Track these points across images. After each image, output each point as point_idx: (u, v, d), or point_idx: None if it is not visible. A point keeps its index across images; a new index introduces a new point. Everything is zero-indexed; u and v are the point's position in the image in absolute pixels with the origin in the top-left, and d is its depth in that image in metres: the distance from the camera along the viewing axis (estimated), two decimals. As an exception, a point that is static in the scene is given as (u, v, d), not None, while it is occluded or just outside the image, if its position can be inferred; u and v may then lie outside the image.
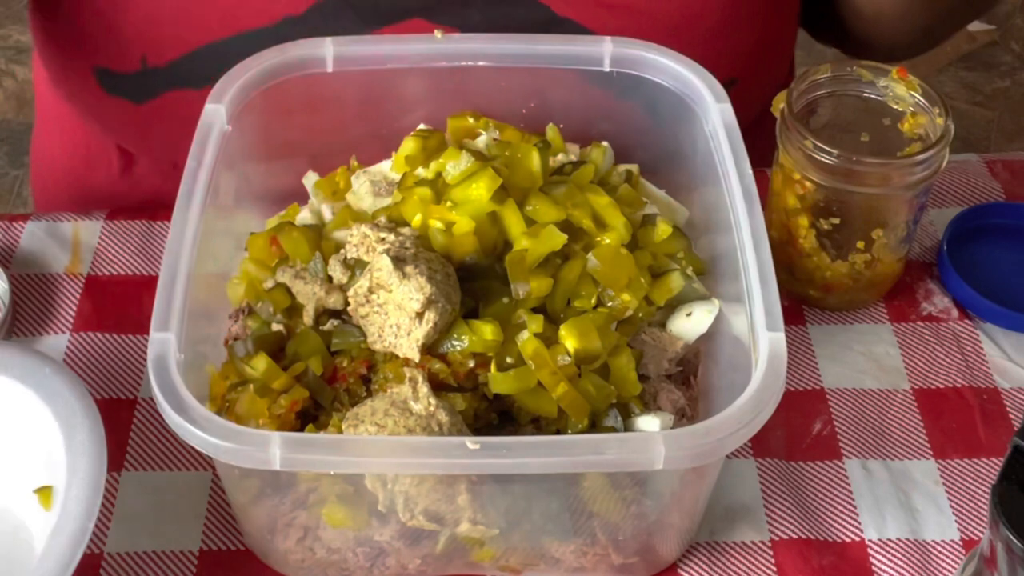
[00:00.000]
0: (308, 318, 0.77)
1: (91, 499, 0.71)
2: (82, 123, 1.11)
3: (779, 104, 0.88)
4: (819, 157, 0.85)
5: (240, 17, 0.92)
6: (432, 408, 0.71)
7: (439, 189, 0.80)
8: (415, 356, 0.74)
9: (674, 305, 0.82)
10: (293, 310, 0.78)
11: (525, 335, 0.74)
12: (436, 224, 0.79)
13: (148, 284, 0.93)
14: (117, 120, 1.02)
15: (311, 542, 0.75)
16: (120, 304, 0.92)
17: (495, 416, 0.75)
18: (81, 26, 0.98)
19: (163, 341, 0.69)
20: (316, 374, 0.74)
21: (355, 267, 0.78)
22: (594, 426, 0.74)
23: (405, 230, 0.78)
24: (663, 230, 0.82)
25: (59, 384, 0.77)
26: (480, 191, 0.78)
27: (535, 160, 0.81)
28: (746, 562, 0.79)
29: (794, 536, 0.80)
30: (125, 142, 1.08)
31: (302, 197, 0.88)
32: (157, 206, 0.98)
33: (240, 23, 0.93)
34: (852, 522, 0.81)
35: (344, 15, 0.92)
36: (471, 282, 0.77)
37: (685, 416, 0.78)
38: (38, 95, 1.20)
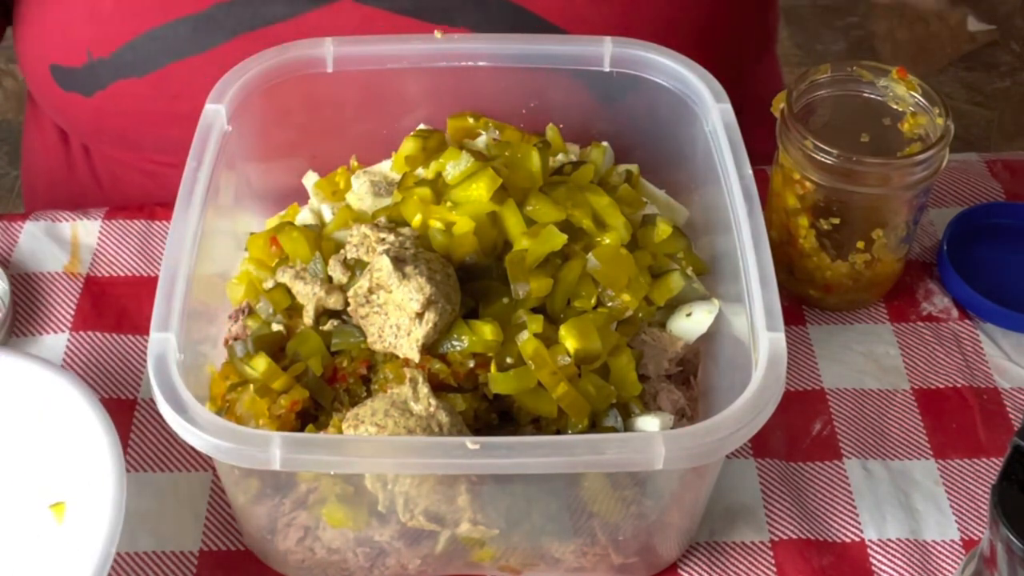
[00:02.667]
0: (308, 318, 0.77)
1: (112, 523, 0.71)
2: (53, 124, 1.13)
3: (779, 104, 0.88)
4: (819, 157, 0.85)
5: (174, 5, 0.95)
6: (432, 409, 0.71)
7: (439, 189, 0.80)
8: (415, 356, 0.74)
9: (674, 305, 0.82)
10: (293, 310, 0.78)
11: (525, 335, 0.74)
12: (436, 224, 0.79)
13: (148, 284, 0.93)
14: (73, 115, 1.04)
15: (311, 542, 0.75)
16: (120, 304, 0.92)
17: (495, 416, 0.75)
18: (35, 26, 1.00)
19: (163, 341, 0.69)
20: (316, 374, 0.74)
21: (355, 267, 0.78)
22: (594, 426, 0.74)
23: (405, 230, 0.78)
24: (663, 230, 0.82)
25: (77, 400, 0.77)
26: (480, 191, 0.78)
27: (535, 160, 0.81)
28: (746, 562, 0.79)
29: (794, 536, 0.80)
30: (83, 136, 1.10)
31: (302, 197, 0.88)
32: (131, 201, 1.00)
33: (175, 10, 0.95)
34: (852, 522, 0.81)
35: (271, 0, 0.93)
36: (471, 282, 0.77)
37: (685, 416, 0.78)
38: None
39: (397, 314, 0.74)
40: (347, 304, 0.77)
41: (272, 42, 0.88)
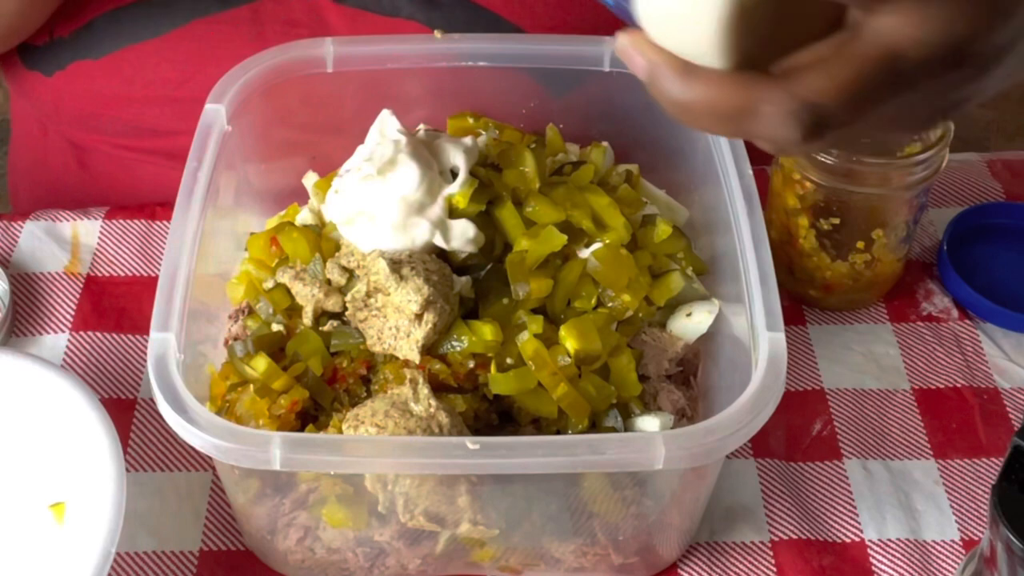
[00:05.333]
0: (307, 319, 0.77)
1: (112, 523, 0.72)
2: (32, 111, 1.12)
3: (779, 104, 0.87)
4: (819, 157, 0.85)
5: None
6: (432, 409, 0.71)
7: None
8: (415, 358, 0.74)
9: (674, 305, 0.82)
10: (293, 310, 0.78)
11: (525, 336, 0.74)
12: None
13: (148, 284, 0.93)
14: (35, 95, 1.04)
15: (311, 542, 0.75)
16: (120, 304, 0.92)
17: (495, 417, 0.75)
18: None
19: (163, 341, 0.69)
20: (316, 374, 0.74)
21: (353, 269, 0.78)
22: (594, 426, 0.74)
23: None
24: (663, 230, 0.82)
25: (77, 400, 0.77)
26: (475, 206, 0.78)
27: (529, 162, 0.81)
28: (746, 562, 0.79)
29: (794, 536, 0.80)
30: (45, 117, 1.09)
31: (302, 197, 0.88)
32: (113, 194, 1.01)
33: None
34: (852, 522, 0.81)
35: None
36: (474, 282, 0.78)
37: (685, 416, 0.78)
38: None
39: (396, 316, 0.74)
40: (346, 308, 0.76)
41: (226, 28, 0.88)
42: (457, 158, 0.79)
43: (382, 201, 0.77)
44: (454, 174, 0.79)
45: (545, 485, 0.71)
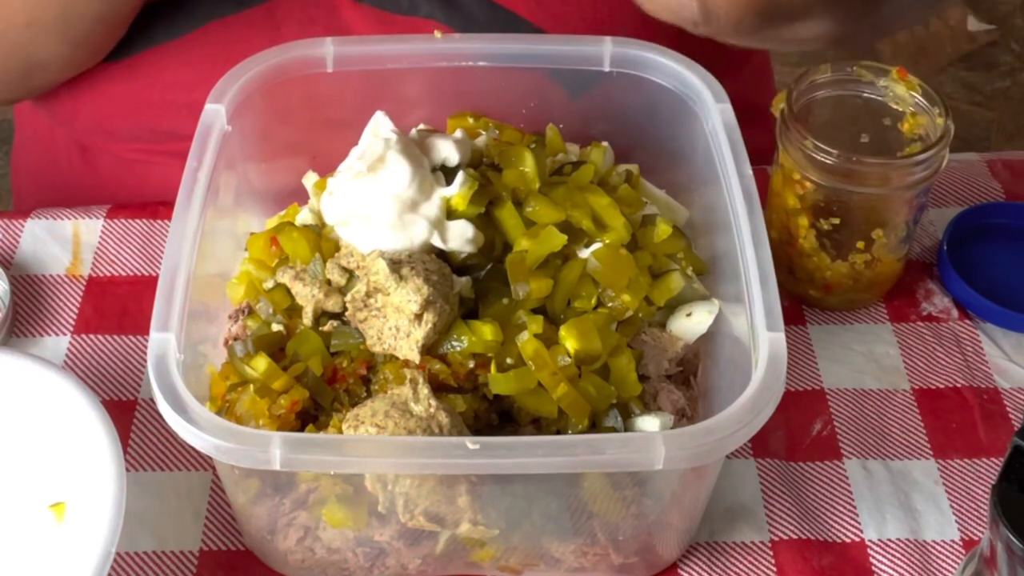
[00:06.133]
0: (307, 319, 0.77)
1: (112, 523, 0.72)
2: (42, 114, 1.12)
3: (779, 104, 0.88)
4: (819, 157, 0.85)
5: None
6: (432, 410, 0.71)
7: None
8: (415, 358, 0.74)
9: (674, 305, 0.82)
10: (293, 310, 0.78)
11: (525, 336, 0.74)
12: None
13: (150, 283, 0.93)
14: (51, 100, 1.03)
15: (311, 542, 0.75)
16: (120, 304, 0.92)
17: (495, 417, 0.75)
18: None
19: (163, 341, 0.69)
20: (316, 374, 0.74)
21: (353, 269, 0.78)
22: (594, 426, 0.74)
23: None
24: (663, 230, 0.82)
25: (77, 400, 0.77)
26: (474, 208, 0.78)
27: (529, 162, 0.81)
28: (746, 562, 0.79)
29: (794, 536, 0.80)
30: (59, 121, 1.09)
31: (302, 197, 0.88)
32: (120, 196, 1.00)
33: None
34: (852, 522, 0.81)
35: None
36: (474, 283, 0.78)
37: (685, 416, 0.78)
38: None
39: (396, 316, 0.74)
40: (346, 308, 0.77)
41: (242, 30, 0.87)
42: (449, 151, 0.79)
43: (375, 200, 0.77)
44: (446, 170, 0.79)
45: (545, 485, 0.71)
